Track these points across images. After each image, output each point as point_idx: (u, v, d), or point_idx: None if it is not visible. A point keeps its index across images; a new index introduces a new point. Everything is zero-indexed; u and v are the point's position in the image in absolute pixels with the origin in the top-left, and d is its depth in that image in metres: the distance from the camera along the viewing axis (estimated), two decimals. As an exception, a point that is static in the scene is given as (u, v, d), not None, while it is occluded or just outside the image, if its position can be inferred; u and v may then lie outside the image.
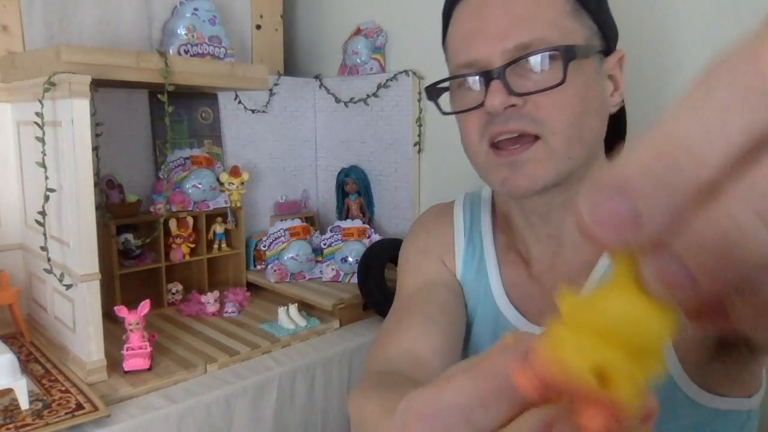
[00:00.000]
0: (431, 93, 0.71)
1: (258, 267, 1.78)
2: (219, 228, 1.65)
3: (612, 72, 0.69)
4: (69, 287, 1.13)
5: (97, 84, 1.18)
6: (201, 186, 1.59)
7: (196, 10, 1.56)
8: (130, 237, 1.47)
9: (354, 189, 1.87)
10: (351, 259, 1.65)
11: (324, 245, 1.70)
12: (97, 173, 1.33)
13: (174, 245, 1.54)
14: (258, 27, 1.91)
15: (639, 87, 1.14)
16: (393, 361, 0.66)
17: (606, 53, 0.68)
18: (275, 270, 1.66)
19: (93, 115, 1.10)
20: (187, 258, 1.57)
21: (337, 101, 1.92)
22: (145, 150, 1.62)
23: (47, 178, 1.11)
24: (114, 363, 1.14)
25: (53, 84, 1.06)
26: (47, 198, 1.11)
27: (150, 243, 1.49)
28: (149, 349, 1.16)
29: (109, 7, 1.55)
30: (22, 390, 0.98)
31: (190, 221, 1.57)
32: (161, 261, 1.52)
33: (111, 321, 1.26)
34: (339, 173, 1.91)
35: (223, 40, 1.58)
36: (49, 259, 1.15)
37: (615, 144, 0.73)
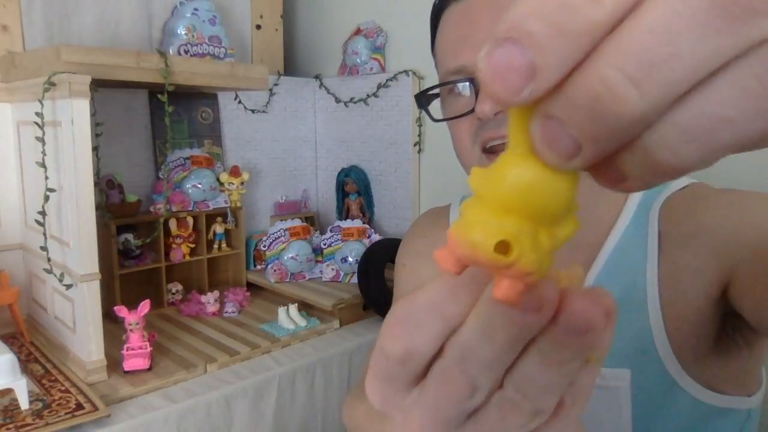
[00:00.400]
0: (421, 100, 0.71)
1: (258, 267, 1.78)
2: (219, 228, 1.65)
3: None
4: (69, 287, 1.12)
5: (97, 84, 1.18)
6: (201, 186, 1.59)
7: (196, 10, 1.56)
8: (130, 237, 1.47)
9: (354, 189, 1.87)
10: (351, 259, 1.65)
11: (324, 245, 1.70)
12: (97, 173, 1.33)
13: (174, 245, 1.55)
14: (258, 27, 1.91)
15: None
16: None
17: None
18: (275, 270, 1.66)
19: (93, 115, 1.10)
20: (187, 258, 1.58)
21: (337, 101, 1.92)
22: (145, 150, 1.62)
23: (47, 178, 1.11)
24: (114, 363, 1.14)
25: (53, 84, 1.06)
26: (47, 198, 1.11)
27: (150, 243, 1.49)
28: (149, 349, 1.16)
29: (109, 7, 1.55)
30: (22, 390, 0.98)
31: (190, 221, 1.57)
32: (161, 261, 1.52)
33: (111, 321, 1.26)
34: (339, 173, 1.91)
35: (223, 40, 1.58)
36: (49, 259, 1.15)
37: None
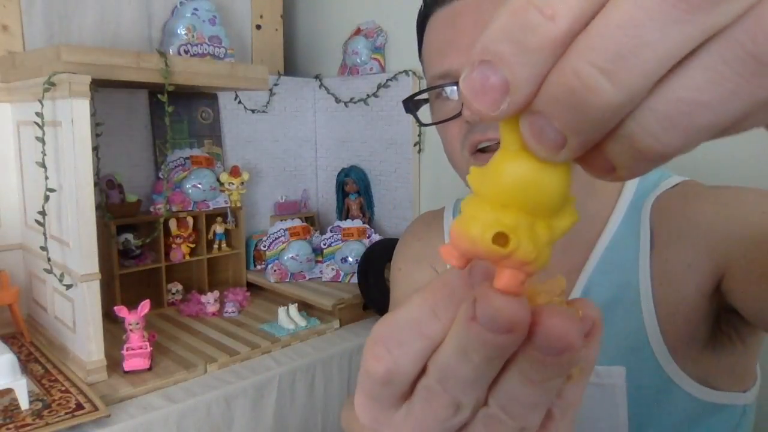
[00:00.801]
0: (408, 106, 0.71)
1: (258, 267, 1.78)
2: (219, 228, 1.65)
3: None
4: (69, 287, 1.12)
5: (97, 84, 1.18)
6: (201, 186, 1.59)
7: (196, 10, 1.56)
8: (130, 237, 1.47)
9: (354, 189, 1.87)
10: (351, 259, 1.65)
11: (324, 245, 1.70)
12: (97, 173, 1.33)
13: (174, 245, 1.55)
14: (258, 27, 1.91)
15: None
16: None
17: None
18: (275, 270, 1.66)
19: (93, 115, 1.10)
20: (187, 258, 1.58)
21: (337, 101, 1.92)
22: (145, 150, 1.62)
23: (47, 178, 1.11)
24: (114, 363, 1.14)
25: (53, 84, 1.06)
26: (47, 198, 1.11)
27: (150, 243, 1.49)
28: (149, 349, 1.16)
29: (109, 7, 1.55)
30: (22, 390, 0.98)
31: (190, 221, 1.57)
32: (161, 261, 1.52)
33: (111, 321, 1.26)
34: (339, 173, 1.91)
35: (223, 40, 1.58)
36: (49, 259, 1.15)
37: None
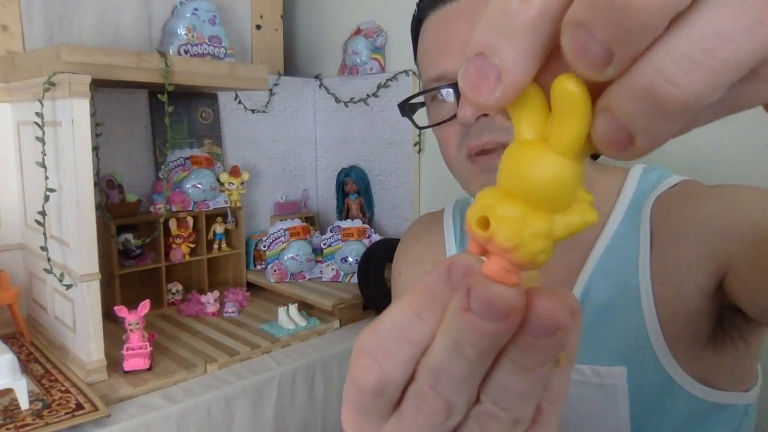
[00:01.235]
0: (404, 109, 0.71)
1: (258, 267, 1.78)
2: (219, 228, 1.65)
3: None
4: (69, 287, 1.12)
5: (97, 84, 1.18)
6: (201, 186, 1.59)
7: (196, 10, 1.56)
8: (130, 237, 1.47)
9: (354, 189, 1.87)
10: (351, 259, 1.65)
11: (324, 245, 1.70)
12: (97, 173, 1.33)
13: (174, 245, 1.55)
14: (258, 27, 1.91)
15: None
16: None
17: None
18: (275, 270, 1.66)
19: (93, 115, 1.10)
20: (187, 258, 1.58)
21: (337, 101, 1.92)
22: (145, 150, 1.62)
23: (47, 178, 1.11)
24: (114, 363, 1.14)
25: (53, 84, 1.06)
26: (47, 198, 1.11)
27: (150, 243, 1.49)
28: (149, 349, 1.16)
29: (109, 7, 1.55)
30: (22, 390, 0.98)
31: (190, 221, 1.57)
32: (161, 261, 1.52)
33: (111, 321, 1.26)
34: (339, 173, 1.91)
35: (223, 40, 1.58)
36: (49, 259, 1.15)
37: None
